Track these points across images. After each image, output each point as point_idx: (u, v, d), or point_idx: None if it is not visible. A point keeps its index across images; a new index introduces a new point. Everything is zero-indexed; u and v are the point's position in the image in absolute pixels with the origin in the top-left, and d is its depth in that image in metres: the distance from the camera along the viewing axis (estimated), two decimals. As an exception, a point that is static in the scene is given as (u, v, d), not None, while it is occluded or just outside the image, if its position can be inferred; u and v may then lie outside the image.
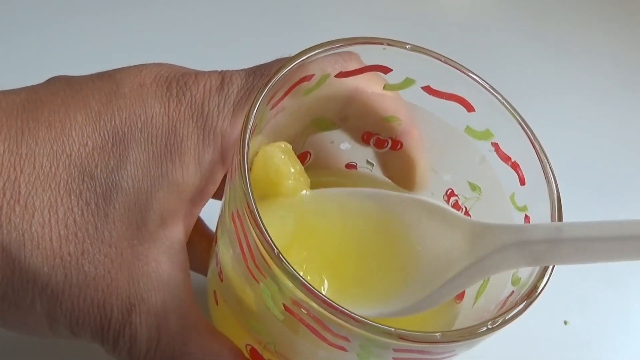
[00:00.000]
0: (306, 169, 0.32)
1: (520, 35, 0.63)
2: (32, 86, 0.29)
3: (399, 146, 0.32)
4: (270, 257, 0.22)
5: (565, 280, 0.47)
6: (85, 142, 0.27)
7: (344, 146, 0.33)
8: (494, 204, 0.30)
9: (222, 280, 0.28)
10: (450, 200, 0.32)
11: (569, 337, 0.45)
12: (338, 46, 0.28)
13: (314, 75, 0.28)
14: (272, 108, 0.27)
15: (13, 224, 0.26)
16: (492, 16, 0.64)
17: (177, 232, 0.28)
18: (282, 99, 0.27)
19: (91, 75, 0.30)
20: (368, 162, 0.33)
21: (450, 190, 0.32)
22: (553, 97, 0.58)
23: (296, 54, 0.27)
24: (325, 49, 0.27)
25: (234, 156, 0.25)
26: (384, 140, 0.32)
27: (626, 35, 0.64)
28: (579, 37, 0.63)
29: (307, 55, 0.27)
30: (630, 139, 0.58)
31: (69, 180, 0.27)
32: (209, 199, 0.30)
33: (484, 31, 0.62)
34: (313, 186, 0.33)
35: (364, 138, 0.32)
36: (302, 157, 0.32)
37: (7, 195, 0.26)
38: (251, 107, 0.25)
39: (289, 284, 0.22)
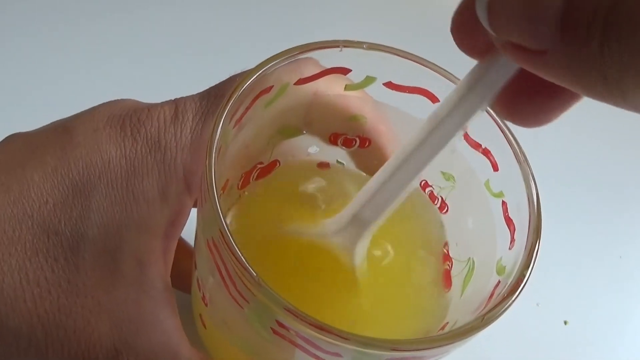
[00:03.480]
0: (277, 174, 0.32)
1: None
2: None
3: (367, 144, 0.31)
4: (251, 284, 0.22)
5: (565, 280, 0.47)
6: (45, 200, 0.27)
7: (312, 150, 0.32)
8: (469, 192, 0.30)
9: (206, 305, 0.28)
10: (426, 191, 0.32)
11: (569, 337, 0.45)
12: (294, 54, 0.27)
13: (272, 86, 0.28)
14: (234, 126, 0.27)
15: None
16: None
17: (156, 270, 0.28)
18: (243, 115, 0.27)
19: (46, 129, 0.29)
20: (338, 162, 0.33)
21: (424, 182, 0.32)
22: None
23: (253, 68, 0.26)
24: (282, 58, 0.27)
25: (202, 183, 0.24)
26: (352, 140, 0.32)
27: None
28: None
29: (265, 68, 0.26)
30: (625, 137, 0.59)
31: (34, 240, 0.26)
32: (182, 230, 0.29)
33: None
34: (287, 188, 0.33)
35: (332, 139, 0.32)
36: (272, 166, 0.32)
37: None
38: (213, 129, 0.24)
39: (273, 308, 0.22)
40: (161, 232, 0.28)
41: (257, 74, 0.26)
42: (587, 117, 0.58)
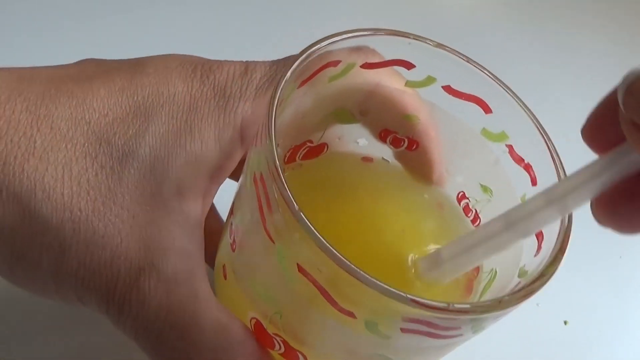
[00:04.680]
0: (322, 160, 0.33)
1: (521, 36, 0.63)
2: (60, 65, 0.30)
3: (414, 146, 0.32)
4: (291, 212, 0.23)
5: (566, 280, 0.47)
6: (105, 112, 0.28)
7: (361, 142, 0.34)
8: (504, 206, 0.30)
9: (234, 251, 0.28)
10: (462, 203, 0.33)
11: (569, 337, 0.45)
12: (364, 34, 0.29)
13: (340, 61, 0.29)
14: (298, 87, 0.28)
15: (26, 174, 0.26)
16: (493, 16, 0.65)
17: (193, 207, 0.29)
18: (309, 79, 0.28)
19: (119, 59, 0.31)
20: (384, 159, 0.34)
21: (461, 193, 0.33)
22: (554, 98, 0.58)
23: (321, 38, 0.28)
24: (350, 35, 0.28)
25: (263, 119, 0.25)
26: (401, 139, 0.33)
27: (628, 35, 0.65)
28: (581, 38, 0.64)
29: (333, 40, 0.28)
30: None
31: (86, 144, 0.27)
32: (226, 177, 0.30)
33: (485, 32, 0.63)
34: (327, 179, 0.34)
35: (382, 135, 0.33)
36: (320, 148, 0.33)
37: (22, 147, 0.26)
38: (280, 78, 0.26)
39: (307, 239, 0.23)
40: (208, 171, 0.29)
41: (326, 42, 0.28)
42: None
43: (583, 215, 0.50)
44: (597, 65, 0.62)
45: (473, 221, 0.33)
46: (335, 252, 0.22)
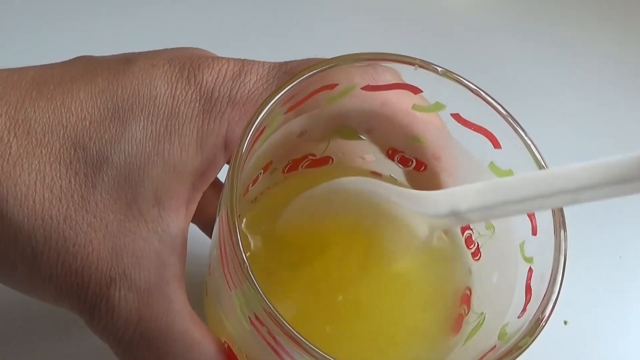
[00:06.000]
0: (329, 169, 0.32)
1: (520, 36, 0.60)
2: (50, 63, 0.30)
3: (422, 167, 0.31)
4: (242, 270, 0.22)
5: (565, 280, 0.45)
6: (83, 116, 0.27)
7: (368, 157, 0.32)
8: (503, 248, 0.29)
9: (210, 274, 0.28)
10: (465, 234, 0.31)
11: (569, 337, 0.44)
12: (366, 60, 0.27)
13: (338, 85, 0.27)
14: (287, 112, 0.27)
15: None
16: (492, 16, 0.61)
17: (174, 216, 0.28)
18: (299, 104, 0.27)
19: (110, 56, 0.30)
20: (391, 177, 0.32)
21: (466, 223, 0.31)
22: (553, 98, 0.56)
23: (319, 62, 0.26)
24: (351, 60, 0.27)
25: (232, 158, 0.24)
26: (409, 160, 0.31)
27: (627, 36, 0.61)
28: (580, 38, 0.60)
29: (330, 65, 0.26)
30: (633, 140, 0.56)
31: (61, 149, 0.27)
32: (209, 184, 0.29)
33: (484, 32, 0.60)
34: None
35: (389, 153, 0.31)
36: (324, 161, 0.32)
37: None
38: (258, 110, 0.24)
39: (253, 301, 0.22)
40: (189, 179, 0.28)
41: (321, 69, 0.26)
42: (589, 117, 0.55)
43: (583, 215, 0.48)
44: (597, 65, 0.59)
45: (474, 254, 0.31)
46: (279, 319, 0.22)
